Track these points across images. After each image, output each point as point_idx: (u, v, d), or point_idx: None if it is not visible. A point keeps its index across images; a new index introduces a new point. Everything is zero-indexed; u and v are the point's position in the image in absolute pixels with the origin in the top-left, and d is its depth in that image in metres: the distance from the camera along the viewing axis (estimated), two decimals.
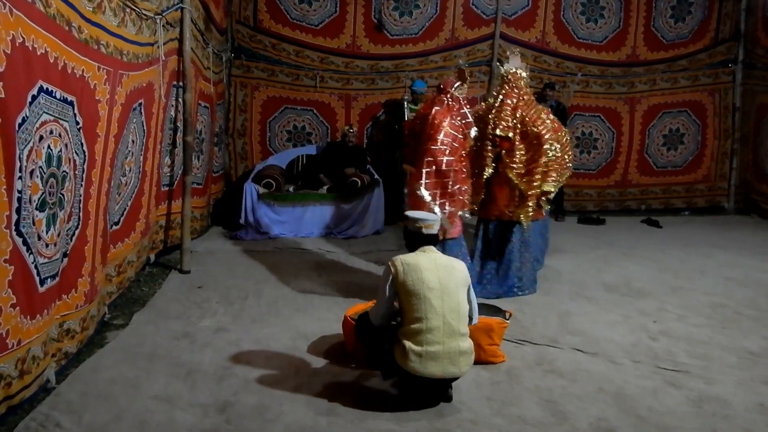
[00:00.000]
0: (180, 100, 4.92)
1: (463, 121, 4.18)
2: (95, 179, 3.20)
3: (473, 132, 4.24)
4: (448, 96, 4.20)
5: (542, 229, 5.01)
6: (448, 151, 4.02)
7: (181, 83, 4.86)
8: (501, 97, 4.39)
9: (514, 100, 4.35)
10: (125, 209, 3.99)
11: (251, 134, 7.54)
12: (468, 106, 4.25)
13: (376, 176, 6.74)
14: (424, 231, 2.81)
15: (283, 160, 7.31)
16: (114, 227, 3.77)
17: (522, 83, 4.44)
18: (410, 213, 2.94)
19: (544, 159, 4.25)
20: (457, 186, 4.11)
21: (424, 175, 4.02)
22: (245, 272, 4.94)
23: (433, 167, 4.01)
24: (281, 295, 4.36)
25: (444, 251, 4.12)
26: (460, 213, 4.23)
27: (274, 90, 7.51)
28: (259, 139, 7.57)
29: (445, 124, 4.05)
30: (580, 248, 5.91)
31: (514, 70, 4.45)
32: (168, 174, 5.05)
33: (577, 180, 7.72)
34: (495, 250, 4.50)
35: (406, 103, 7.07)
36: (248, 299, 4.24)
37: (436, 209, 3.99)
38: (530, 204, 4.31)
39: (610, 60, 8.05)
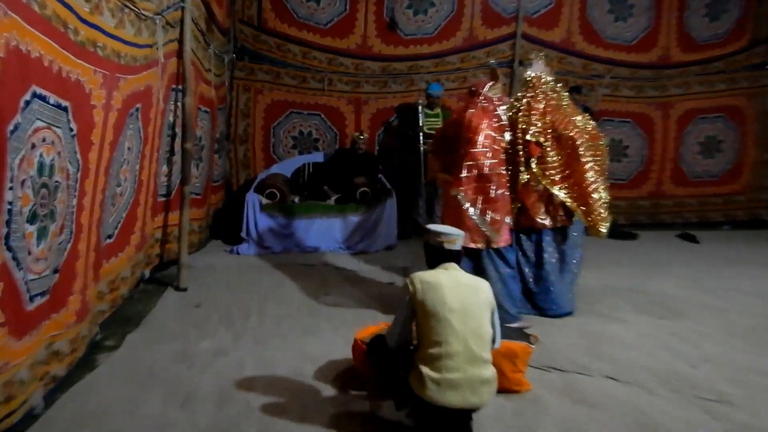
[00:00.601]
0: (179, 104, 4.96)
1: (498, 123, 4.20)
2: (89, 190, 3.22)
3: (507, 135, 4.26)
4: (482, 97, 4.21)
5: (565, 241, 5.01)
6: (489, 154, 4.05)
7: (180, 86, 4.91)
8: (527, 101, 4.42)
9: (542, 105, 4.40)
10: (120, 221, 4.01)
11: (254, 141, 7.60)
12: (502, 108, 4.28)
13: (389, 186, 6.76)
14: (446, 246, 2.79)
15: (288, 169, 7.36)
16: (107, 240, 3.78)
17: (547, 88, 4.48)
18: (432, 226, 2.93)
19: (589, 164, 4.30)
20: (500, 191, 4.14)
21: (463, 181, 4.03)
22: (247, 290, 4.94)
23: (474, 171, 4.04)
24: (286, 314, 4.36)
25: (491, 262, 4.17)
26: (506, 220, 4.23)
27: (279, 93, 7.58)
28: (262, 146, 7.62)
29: (483, 126, 4.08)
30: (610, 265, 5.89)
31: (538, 74, 4.49)
32: (165, 183, 5.08)
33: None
34: (529, 262, 4.52)
35: (420, 107, 7.08)
36: (250, 319, 4.24)
37: (475, 217, 4.00)
38: (597, 209, 4.36)
39: (640, 61, 8.05)
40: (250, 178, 7.42)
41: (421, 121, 7.01)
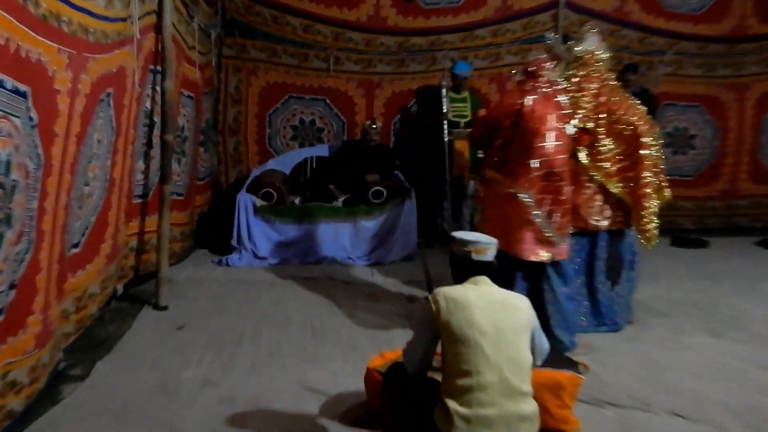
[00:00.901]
0: (158, 88, 4.99)
1: (563, 112, 4.21)
2: (52, 190, 3.24)
3: (570, 127, 4.25)
4: (543, 81, 4.19)
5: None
6: (560, 149, 4.04)
7: (159, 67, 4.93)
8: (577, 80, 4.44)
9: (595, 85, 4.41)
10: (88, 227, 4.04)
11: (246, 131, 7.64)
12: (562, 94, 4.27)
13: (407, 185, 6.75)
14: (474, 257, 2.78)
15: (286, 164, 7.39)
16: (73, 250, 3.81)
17: (602, 67, 4.50)
18: (457, 234, 2.91)
19: (650, 159, 4.33)
20: (569, 189, 4.16)
21: (529, 180, 4.03)
22: (239, 308, 4.95)
23: (542, 169, 4.02)
24: (285, 338, 4.36)
25: (546, 279, 4.15)
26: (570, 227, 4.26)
27: (276, 75, 7.60)
28: (256, 138, 7.66)
29: (550, 116, 4.07)
30: (674, 278, 5.86)
31: (591, 50, 4.50)
32: (141, 182, 5.11)
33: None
34: (583, 270, 4.55)
35: (444, 90, 7.05)
36: (243, 344, 4.24)
37: (540, 220, 4.01)
38: (648, 215, 4.37)
39: (709, 34, 7.98)
40: (241, 176, 7.45)
41: (445, 107, 6.98)
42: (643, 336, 4.49)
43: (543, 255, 4.08)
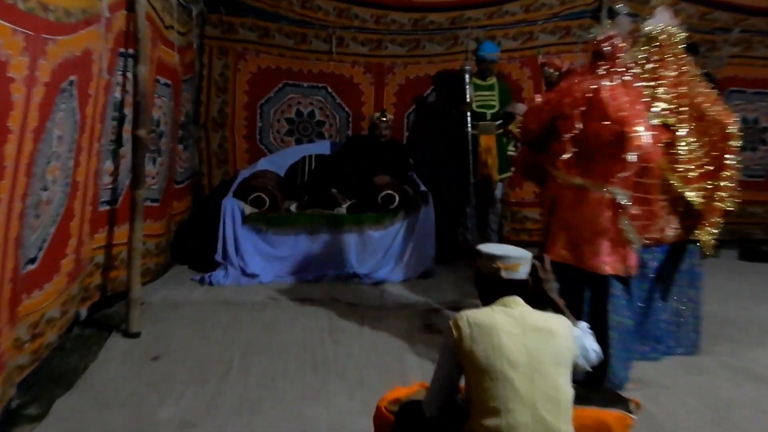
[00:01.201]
0: (129, 75, 5.01)
1: (645, 103, 4.24)
2: (4, 196, 3.25)
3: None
4: (621, 64, 4.18)
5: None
6: (651, 144, 4.05)
7: (131, 51, 4.96)
8: (652, 66, 4.47)
9: (673, 72, 4.44)
10: (46, 240, 4.05)
11: (233, 125, 7.67)
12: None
13: (423, 188, 6.75)
14: (504, 275, 2.76)
15: (281, 165, 7.43)
16: (29, 267, 3.81)
17: (678, 49, 4.52)
18: (484, 247, 2.90)
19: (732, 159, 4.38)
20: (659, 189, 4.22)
21: (624, 177, 4.03)
22: (225, 335, 4.96)
23: (642, 164, 4.03)
24: (279, 371, 4.36)
25: (612, 300, 4.13)
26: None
27: (269, 58, 7.65)
28: (245, 133, 7.69)
29: (639, 106, 4.08)
30: (744, 298, 5.86)
31: (665, 28, 4.52)
32: (110, 186, 5.12)
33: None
34: (645, 288, 4.56)
35: (467, 76, 7.07)
36: (230, 377, 4.24)
37: (627, 225, 4.03)
38: (714, 225, 4.44)
39: None
40: (228, 178, 7.49)
41: (468, 96, 7.00)
42: (707, 366, 4.47)
43: (621, 269, 4.07)
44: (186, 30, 6.71)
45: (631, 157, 3.96)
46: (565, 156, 4.17)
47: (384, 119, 7.09)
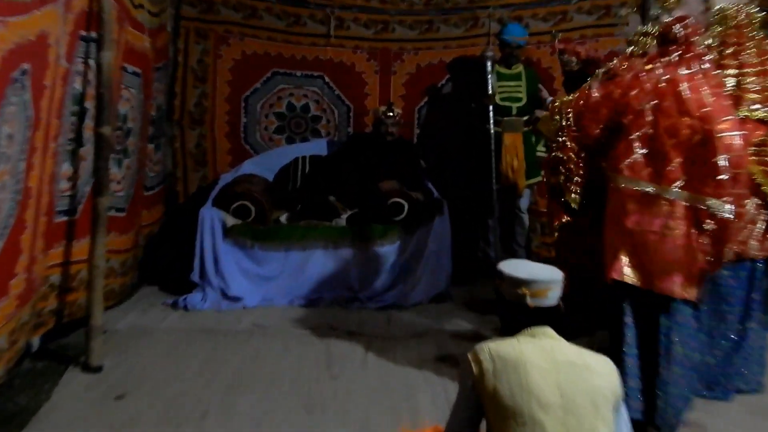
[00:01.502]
0: (92, 63, 5.02)
1: (726, 95, 4.26)
2: None
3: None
4: (696, 50, 4.20)
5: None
6: (741, 146, 4.04)
7: (94, 34, 4.98)
8: (731, 51, 4.51)
9: (756, 59, 4.48)
10: None
11: (214, 121, 7.69)
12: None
13: (437, 195, 6.76)
14: (530, 302, 2.75)
15: (269, 167, 7.44)
16: None
17: (756, 31, 4.55)
18: (506, 267, 2.90)
19: None
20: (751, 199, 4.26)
21: (718, 184, 4.01)
22: (202, 370, 4.95)
23: (733, 170, 3.99)
24: (268, 410, 4.35)
25: (694, 319, 4.14)
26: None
27: (256, 43, 7.67)
28: (227, 130, 7.71)
29: (724, 99, 4.10)
30: None
31: (739, 7, 4.58)
32: (68, 193, 5.12)
33: None
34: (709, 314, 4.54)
35: (490, 63, 7.07)
36: (208, 419, 4.23)
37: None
38: None
39: None
40: (206, 184, 7.51)
41: (491, 87, 7.00)
42: None
43: (694, 293, 4.03)
44: (158, 10, 6.71)
45: (721, 161, 3.91)
46: (633, 158, 4.13)
47: (391, 114, 7.11)
